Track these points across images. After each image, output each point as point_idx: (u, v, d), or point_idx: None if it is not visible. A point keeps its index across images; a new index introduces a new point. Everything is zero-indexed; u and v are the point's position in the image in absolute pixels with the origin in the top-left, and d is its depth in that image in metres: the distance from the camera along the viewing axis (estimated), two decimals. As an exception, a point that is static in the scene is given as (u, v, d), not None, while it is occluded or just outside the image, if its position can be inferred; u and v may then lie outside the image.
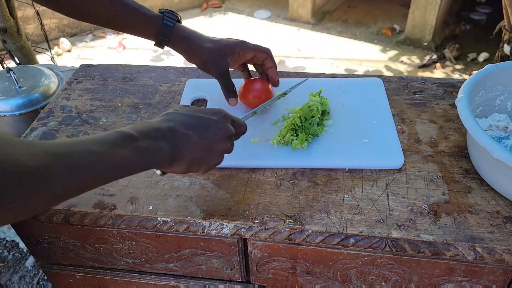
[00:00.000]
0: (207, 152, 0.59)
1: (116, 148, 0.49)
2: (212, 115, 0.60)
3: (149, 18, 0.77)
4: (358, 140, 0.78)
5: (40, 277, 1.63)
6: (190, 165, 0.58)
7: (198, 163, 0.59)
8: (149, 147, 0.52)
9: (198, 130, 0.58)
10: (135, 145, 0.51)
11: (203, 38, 0.81)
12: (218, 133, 0.59)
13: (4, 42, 1.67)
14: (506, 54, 1.41)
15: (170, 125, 0.56)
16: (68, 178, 0.44)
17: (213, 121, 0.60)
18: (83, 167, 0.45)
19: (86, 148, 0.46)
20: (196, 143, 0.57)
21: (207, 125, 0.59)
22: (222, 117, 0.61)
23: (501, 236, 0.62)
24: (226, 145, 0.61)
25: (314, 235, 0.65)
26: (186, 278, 0.81)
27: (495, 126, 0.79)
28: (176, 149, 0.55)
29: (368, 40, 3.39)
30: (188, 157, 0.57)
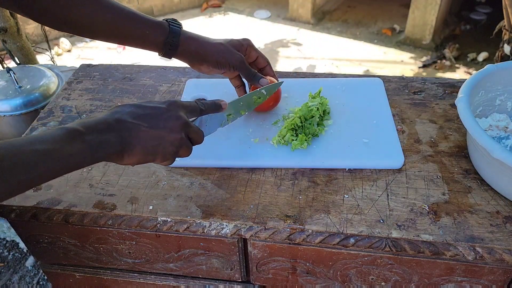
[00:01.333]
0: (159, 141, 0.58)
1: (62, 144, 0.49)
2: (161, 104, 0.60)
3: (155, 24, 0.73)
4: (358, 140, 0.78)
5: (40, 277, 1.63)
6: (143, 156, 0.57)
7: (151, 153, 0.58)
8: (95, 140, 0.52)
9: (146, 119, 0.57)
10: (81, 140, 0.51)
11: (211, 39, 0.79)
12: (168, 121, 0.58)
13: (4, 42, 1.67)
14: (506, 54, 1.41)
15: (116, 116, 0.55)
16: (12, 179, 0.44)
17: (162, 109, 0.59)
18: (27, 167, 0.45)
19: (29, 147, 0.46)
20: (145, 132, 0.56)
21: (156, 113, 0.58)
22: (171, 105, 0.60)
23: (501, 236, 0.62)
24: (179, 135, 0.59)
25: (314, 235, 0.65)
26: (186, 278, 0.81)
27: (495, 126, 0.79)
28: (124, 140, 0.55)
29: (368, 40, 3.39)
30: (138, 147, 0.56)
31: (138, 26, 0.72)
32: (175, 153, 0.61)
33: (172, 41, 0.74)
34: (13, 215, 0.71)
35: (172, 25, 0.74)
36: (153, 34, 0.73)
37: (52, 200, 0.71)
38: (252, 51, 0.81)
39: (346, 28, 3.58)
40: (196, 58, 0.77)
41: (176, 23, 0.75)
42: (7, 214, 0.71)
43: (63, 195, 0.72)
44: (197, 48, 0.76)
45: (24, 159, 0.45)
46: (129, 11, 0.72)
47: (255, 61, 0.83)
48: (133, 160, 0.57)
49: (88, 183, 0.74)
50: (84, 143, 0.51)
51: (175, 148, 0.60)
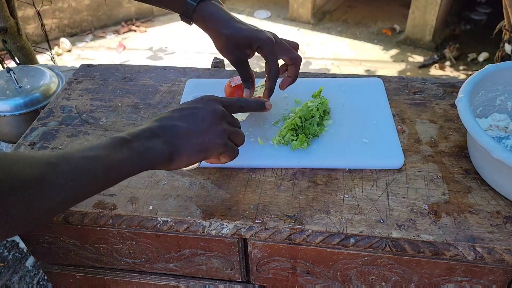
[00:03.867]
0: (203, 137, 0.58)
1: (111, 151, 0.50)
2: (196, 103, 0.61)
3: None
4: (358, 140, 0.78)
5: (40, 277, 1.63)
6: (193, 155, 0.58)
7: (200, 150, 0.59)
8: (143, 146, 0.53)
9: (184, 120, 0.58)
10: (129, 147, 0.51)
11: (225, 21, 0.73)
12: (206, 117, 0.59)
13: (4, 42, 1.67)
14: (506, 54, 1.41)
15: (158, 124, 0.57)
16: (66, 184, 0.44)
17: (197, 108, 0.60)
18: (80, 172, 0.46)
19: (81, 154, 0.47)
20: (187, 134, 0.57)
21: (193, 112, 0.60)
22: (206, 102, 0.62)
23: (501, 236, 0.62)
24: (222, 126, 0.60)
25: (314, 235, 0.65)
26: (186, 278, 0.81)
27: (495, 126, 0.79)
28: (170, 144, 0.56)
29: (368, 40, 3.39)
30: (185, 147, 0.57)
31: None
32: (224, 144, 0.61)
33: (186, 15, 0.75)
34: (13, 215, 0.71)
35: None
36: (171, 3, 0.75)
37: (52, 200, 0.71)
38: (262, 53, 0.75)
39: (346, 28, 3.58)
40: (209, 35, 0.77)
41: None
42: (7, 214, 0.71)
43: (63, 195, 0.72)
44: (205, 28, 0.76)
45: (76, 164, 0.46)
46: None
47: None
48: (183, 161, 0.58)
49: (88, 183, 0.74)
50: (131, 150, 0.51)
51: (222, 139, 0.60)
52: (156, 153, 0.54)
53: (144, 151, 0.53)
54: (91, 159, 0.47)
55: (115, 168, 0.50)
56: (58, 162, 0.44)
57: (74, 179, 0.45)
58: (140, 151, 0.52)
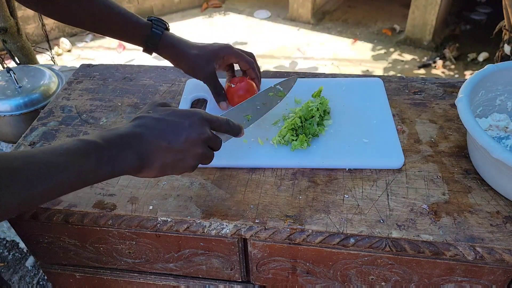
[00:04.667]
0: (179, 157, 0.57)
1: (79, 158, 0.48)
2: (185, 119, 0.57)
3: (138, 25, 0.80)
4: (358, 140, 0.78)
5: (40, 277, 1.63)
6: (161, 171, 0.57)
7: (171, 168, 0.57)
8: (113, 156, 0.51)
9: (167, 137, 0.55)
10: (99, 154, 0.50)
11: (189, 45, 0.83)
12: (190, 138, 0.57)
13: (4, 42, 1.67)
14: (506, 54, 1.41)
15: (137, 131, 0.54)
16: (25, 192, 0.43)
17: (185, 125, 0.57)
18: (41, 180, 0.44)
19: (45, 159, 0.45)
20: (165, 150, 0.55)
21: (178, 130, 0.56)
22: (196, 121, 0.58)
23: (501, 236, 0.62)
24: (201, 150, 0.58)
25: (314, 235, 0.65)
26: (186, 278, 0.81)
27: (495, 126, 0.79)
28: (143, 157, 0.54)
29: (368, 40, 3.39)
30: (158, 164, 0.56)
31: (122, 25, 0.79)
32: (195, 166, 0.60)
33: (152, 43, 0.81)
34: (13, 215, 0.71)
35: (155, 27, 0.80)
36: (135, 35, 0.81)
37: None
38: (230, 58, 0.84)
39: (346, 28, 3.58)
40: (172, 61, 0.85)
41: (159, 25, 0.81)
42: (7, 214, 0.71)
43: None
44: (172, 54, 0.83)
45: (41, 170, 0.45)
46: (116, 10, 0.78)
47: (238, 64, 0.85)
48: (151, 174, 0.57)
49: (88, 183, 0.74)
50: (101, 158, 0.50)
51: (197, 161, 0.59)
52: (125, 164, 0.52)
53: (113, 161, 0.51)
54: (56, 166, 0.46)
55: (80, 177, 0.49)
56: (21, 168, 0.43)
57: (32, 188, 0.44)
58: (109, 160, 0.50)
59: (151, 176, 0.57)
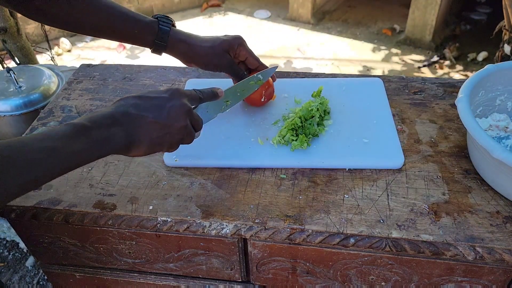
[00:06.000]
0: (165, 131, 0.59)
1: (69, 141, 0.50)
2: (163, 94, 0.60)
3: (144, 24, 0.75)
4: (358, 140, 0.78)
5: (40, 277, 1.63)
6: (150, 147, 0.59)
7: (159, 143, 0.59)
8: (102, 135, 0.53)
9: (150, 110, 0.58)
10: (88, 136, 0.51)
11: (201, 39, 0.80)
12: (172, 110, 0.59)
13: (4, 42, 1.67)
14: (506, 54, 1.41)
15: (122, 110, 0.56)
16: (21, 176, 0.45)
17: (165, 98, 0.60)
18: (36, 164, 0.46)
19: (36, 146, 0.47)
20: (151, 123, 0.57)
21: (160, 103, 0.59)
22: (174, 93, 0.61)
23: (501, 236, 0.62)
24: (184, 122, 0.61)
25: (314, 235, 0.65)
26: (186, 278, 0.81)
27: (495, 126, 0.79)
28: (131, 134, 0.56)
29: (368, 40, 3.39)
30: (146, 139, 0.57)
31: (128, 25, 0.75)
32: (181, 140, 0.62)
33: (161, 41, 0.76)
34: (13, 215, 0.71)
35: (162, 24, 0.76)
36: (142, 34, 0.76)
37: (52, 200, 0.71)
38: (242, 50, 0.82)
39: (346, 28, 3.58)
40: (185, 58, 0.80)
41: (166, 21, 0.77)
42: (7, 214, 0.71)
43: (63, 195, 0.72)
44: (185, 50, 0.79)
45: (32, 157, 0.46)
46: (120, 10, 0.74)
47: (245, 60, 0.83)
48: (140, 152, 0.58)
49: (88, 183, 0.74)
50: (90, 139, 0.51)
51: (181, 135, 0.62)
52: (114, 142, 0.54)
53: (102, 140, 0.53)
54: (48, 150, 0.47)
55: (72, 158, 0.50)
56: (14, 156, 0.45)
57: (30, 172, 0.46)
58: (99, 140, 0.52)
59: (140, 153, 0.58)
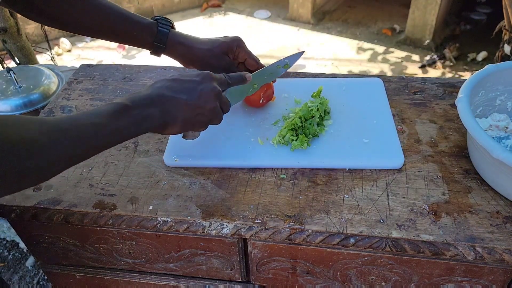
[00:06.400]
0: (196, 112, 0.64)
1: (113, 118, 0.55)
2: (195, 77, 0.65)
3: (143, 25, 0.76)
4: (358, 140, 0.78)
5: (40, 277, 1.63)
6: (184, 126, 0.64)
7: (191, 122, 0.64)
8: (141, 114, 0.58)
9: (184, 92, 0.63)
10: (129, 114, 0.57)
11: (199, 40, 0.80)
12: (204, 92, 0.64)
13: (4, 42, 1.67)
14: (506, 54, 1.41)
15: (159, 92, 0.61)
16: (74, 148, 0.51)
17: (197, 81, 0.64)
18: (87, 137, 0.52)
19: (87, 121, 0.53)
20: (185, 104, 0.62)
21: (193, 86, 0.64)
22: (205, 77, 0.66)
23: (501, 236, 0.62)
24: (214, 104, 0.65)
25: (314, 235, 0.65)
26: (186, 278, 0.81)
27: (495, 126, 0.79)
28: (167, 114, 0.61)
29: (368, 40, 3.39)
30: (180, 118, 0.62)
31: (127, 27, 0.76)
32: (210, 120, 0.67)
33: (160, 43, 0.77)
34: (13, 215, 0.71)
35: (161, 26, 0.77)
36: (141, 35, 0.77)
37: (52, 200, 0.71)
38: (241, 52, 0.82)
39: (346, 28, 3.58)
40: (184, 60, 0.81)
41: (165, 23, 0.78)
42: (7, 214, 0.71)
43: (63, 195, 0.72)
44: (184, 52, 0.80)
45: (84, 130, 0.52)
46: (119, 11, 0.75)
47: (244, 62, 0.83)
48: (174, 130, 0.64)
49: (88, 183, 0.74)
50: (130, 118, 0.57)
51: (211, 116, 0.66)
52: (152, 121, 0.59)
53: (142, 118, 0.58)
54: (96, 125, 0.53)
55: (115, 134, 0.56)
56: (69, 128, 0.50)
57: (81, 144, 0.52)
58: (138, 118, 0.58)
59: (174, 132, 0.64)
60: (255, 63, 0.83)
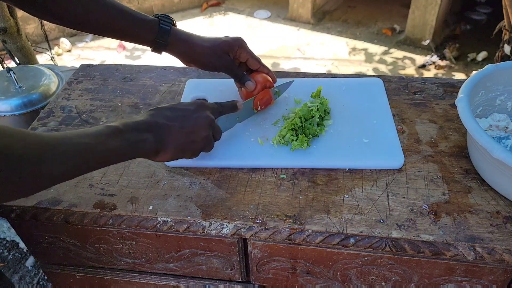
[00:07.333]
0: (189, 139, 0.65)
1: (105, 139, 0.55)
2: (189, 106, 0.67)
3: (145, 23, 0.75)
4: (358, 140, 0.78)
5: (40, 277, 1.63)
6: (176, 153, 0.64)
7: (182, 150, 0.65)
8: (134, 138, 0.58)
9: (178, 120, 0.64)
10: (122, 137, 0.56)
11: (201, 39, 0.80)
12: (197, 121, 0.66)
13: (4, 42, 1.67)
14: (506, 54, 1.41)
15: (154, 119, 0.62)
16: (60, 166, 0.49)
17: (191, 110, 0.66)
18: (74, 156, 0.51)
19: (77, 140, 0.52)
20: (178, 132, 0.63)
21: (186, 115, 0.65)
22: (198, 107, 0.68)
23: (501, 236, 0.62)
24: (206, 132, 0.67)
25: (314, 235, 0.65)
26: (186, 278, 0.81)
27: (495, 126, 0.79)
28: (160, 140, 0.61)
29: (368, 40, 3.39)
30: (172, 146, 0.63)
31: (129, 24, 0.75)
32: (202, 148, 0.68)
33: (161, 40, 0.77)
34: (13, 215, 0.71)
35: (162, 23, 0.77)
36: (143, 32, 0.77)
37: (52, 200, 0.71)
38: (243, 52, 0.82)
39: (346, 28, 3.58)
40: (184, 58, 0.81)
41: (167, 20, 0.77)
42: (7, 214, 0.71)
43: (63, 195, 0.72)
44: (185, 49, 0.80)
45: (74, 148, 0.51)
46: (121, 8, 0.75)
47: (246, 61, 0.84)
48: (166, 157, 0.64)
49: (88, 183, 0.74)
50: (123, 141, 0.56)
51: (203, 144, 0.67)
52: (144, 146, 0.59)
53: (134, 143, 0.58)
54: (86, 145, 0.52)
55: (105, 155, 0.55)
56: (57, 145, 0.49)
57: (66, 163, 0.50)
58: (131, 142, 0.57)
59: (165, 159, 0.64)
60: (257, 63, 0.84)
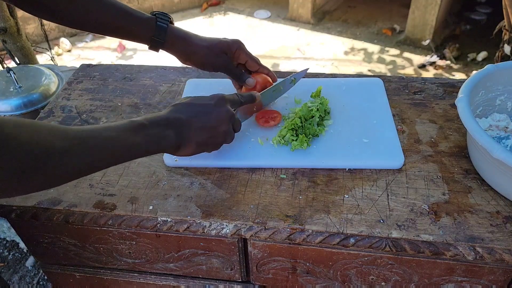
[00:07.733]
0: (210, 134, 0.66)
1: (129, 134, 0.57)
2: (210, 100, 0.67)
3: (142, 20, 0.76)
4: (358, 140, 0.78)
5: (40, 277, 1.63)
6: (197, 148, 0.66)
7: (204, 144, 0.66)
8: (157, 134, 0.60)
9: (199, 116, 0.65)
10: (145, 132, 0.58)
11: (199, 37, 0.80)
12: (218, 115, 0.66)
13: (4, 42, 1.67)
14: (506, 54, 1.41)
15: (175, 115, 0.63)
16: (88, 158, 0.51)
17: (211, 106, 0.66)
18: (102, 149, 0.53)
19: (105, 133, 0.54)
20: (199, 128, 0.64)
21: (207, 110, 0.66)
22: (218, 100, 0.68)
23: (501, 236, 0.62)
24: (227, 126, 0.68)
25: (314, 235, 0.65)
26: (186, 278, 0.81)
27: (495, 126, 0.79)
28: (181, 136, 0.63)
29: (368, 40, 3.39)
30: (193, 141, 0.64)
31: (126, 21, 0.75)
32: (223, 142, 0.69)
33: (158, 38, 0.77)
34: (13, 215, 0.71)
35: (159, 21, 0.77)
36: (140, 30, 0.77)
37: (52, 200, 0.71)
38: (241, 54, 0.82)
39: (346, 28, 3.58)
40: (182, 56, 0.81)
41: (164, 18, 0.77)
42: (7, 214, 0.71)
43: (63, 195, 0.72)
44: (182, 47, 0.80)
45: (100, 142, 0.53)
46: (120, 7, 0.75)
47: (246, 63, 0.84)
48: (187, 152, 0.65)
49: (88, 183, 0.74)
50: (147, 136, 0.58)
51: (224, 138, 0.68)
52: (167, 142, 0.61)
53: (157, 138, 0.60)
54: (113, 139, 0.54)
55: (130, 149, 0.57)
56: (85, 138, 0.51)
57: (94, 155, 0.52)
58: (154, 138, 0.59)
59: (187, 153, 0.66)
60: (256, 64, 0.84)
